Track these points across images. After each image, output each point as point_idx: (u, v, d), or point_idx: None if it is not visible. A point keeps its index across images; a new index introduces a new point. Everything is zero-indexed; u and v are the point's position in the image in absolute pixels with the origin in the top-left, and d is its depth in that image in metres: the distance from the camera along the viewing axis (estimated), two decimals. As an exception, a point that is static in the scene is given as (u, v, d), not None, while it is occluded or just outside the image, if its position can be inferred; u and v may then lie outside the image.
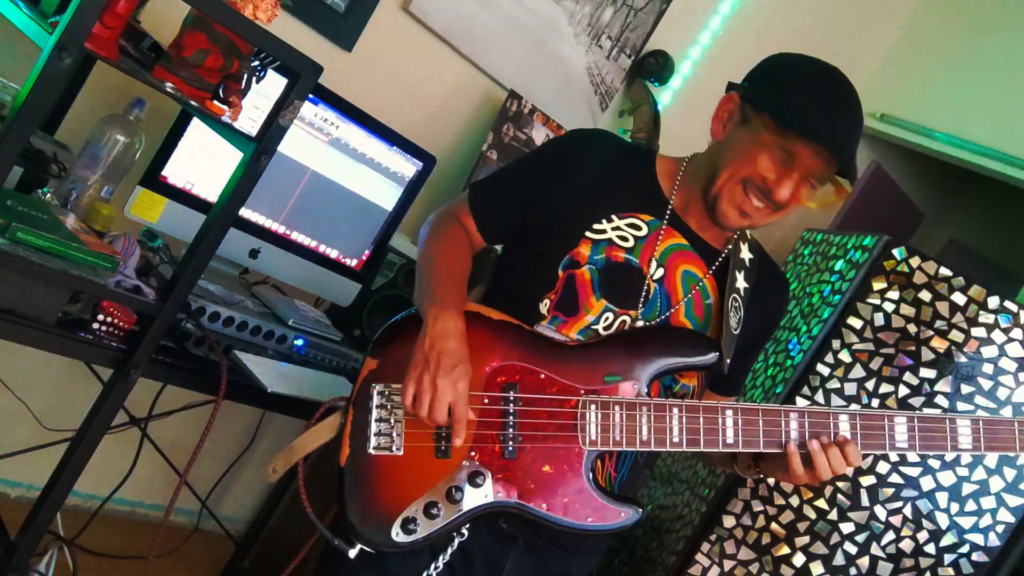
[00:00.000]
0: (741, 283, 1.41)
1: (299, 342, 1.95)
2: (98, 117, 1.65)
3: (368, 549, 1.26)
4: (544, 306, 1.35)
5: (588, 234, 1.36)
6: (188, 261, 1.48)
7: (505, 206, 1.44)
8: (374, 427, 1.28)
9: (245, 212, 1.97)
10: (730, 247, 1.42)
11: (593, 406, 1.29)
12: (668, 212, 1.39)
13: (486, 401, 1.28)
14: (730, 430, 1.30)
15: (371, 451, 1.27)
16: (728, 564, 2.37)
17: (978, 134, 3.21)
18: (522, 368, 1.30)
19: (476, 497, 1.27)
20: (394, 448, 1.27)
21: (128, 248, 1.53)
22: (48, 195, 1.56)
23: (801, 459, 1.30)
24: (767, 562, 2.33)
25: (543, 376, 1.30)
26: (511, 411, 1.28)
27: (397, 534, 1.24)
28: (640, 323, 1.35)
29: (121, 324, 1.52)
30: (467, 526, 1.28)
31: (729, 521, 2.39)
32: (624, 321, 1.35)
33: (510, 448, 1.27)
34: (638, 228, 1.38)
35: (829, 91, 1.30)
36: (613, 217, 1.37)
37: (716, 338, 1.36)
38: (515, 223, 1.42)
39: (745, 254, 1.44)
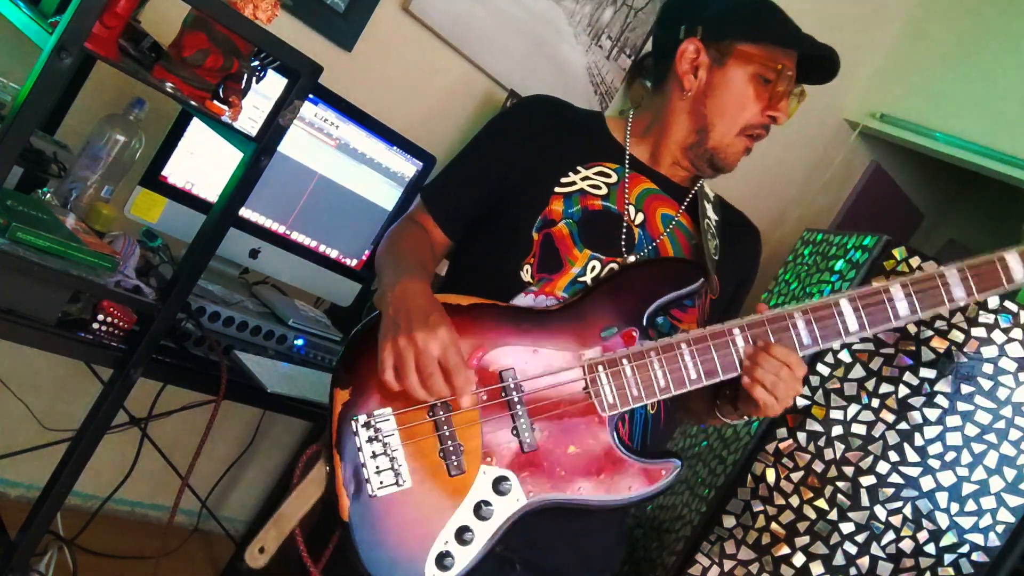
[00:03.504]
0: (712, 215, 1.37)
1: (299, 342, 1.95)
2: (98, 117, 1.65)
3: None
4: (525, 272, 1.26)
5: (557, 189, 1.29)
6: (188, 261, 1.48)
7: (462, 195, 1.34)
8: (371, 465, 1.12)
9: (245, 212, 1.97)
10: (697, 185, 1.38)
11: (600, 368, 1.18)
12: (627, 159, 1.34)
13: (484, 397, 1.15)
14: (743, 350, 1.20)
15: (376, 493, 1.12)
16: (728, 564, 2.37)
17: (978, 134, 3.21)
18: (512, 350, 1.17)
19: (508, 505, 1.14)
20: (401, 482, 1.12)
21: (128, 248, 1.53)
22: (48, 195, 1.56)
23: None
24: (767, 562, 2.33)
25: (538, 352, 1.18)
26: (516, 399, 1.16)
27: (434, 573, 1.11)
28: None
29: (121, 324, 1.52)
30: None
31: (729, 521, 2.39)
32: (612, 269, 1.26)
33: (528, 440, 1.15)
34: (608, 175, 1.32)
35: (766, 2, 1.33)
36: (579, 168, 1.31)
37: (699, 260, 1.28)
38: (476, 210, 1.33)
39: (708, 191, 1.41)
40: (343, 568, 1.15)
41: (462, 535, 1.13)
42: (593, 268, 1.26)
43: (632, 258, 1.28)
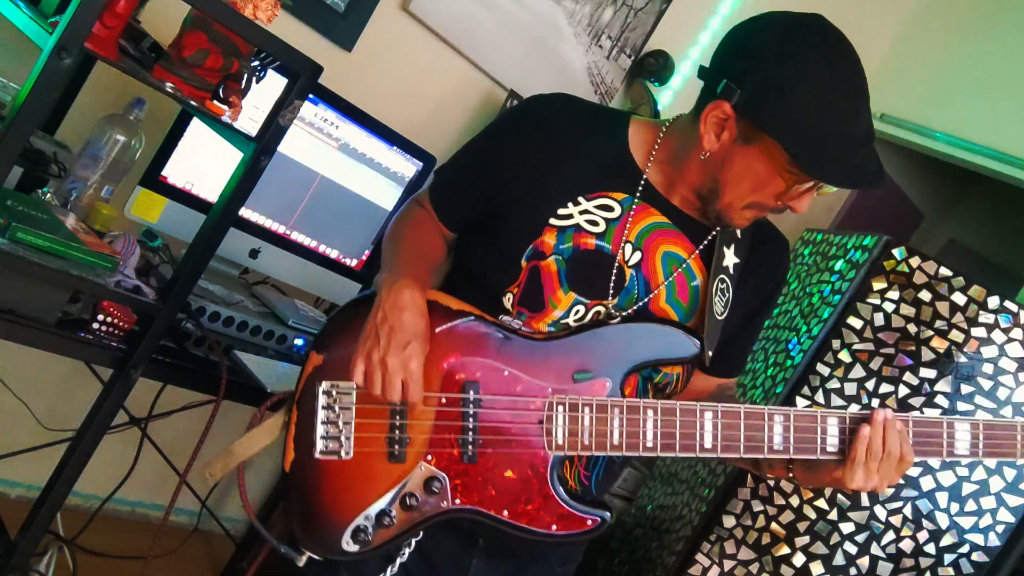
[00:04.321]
0: (730, 259, 1.28)
1: (299, 342, 1.95)
2: (98, 117, 1.65)
3: (316, 557, 1.19)
4: (507, 300, 1.23)
5: (553, 221, 1.23)
6: (188, 261, 1.48)
7: (463, 195, 1.32)
8: (320, 430, 1.17)
9: (245, 212, 1.97)
10: (717, 229, 1.28)
11: (561, 407, 1.17)
12: (641, 186, 1.25)
13: (443, 401, 1.17)
14: (708, 435, 1.18)
15: (317, 455, 1.17)
16: (728, 564, 2.37)
17: (978, 134, 3.21)
18: (483, 364, 1.18)
19: (433, 505, 1.17)
20: (343, 452, 1.17)
21: (128, 248, 1.53)
22: (48, 195, 1.56)
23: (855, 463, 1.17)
24: (767, 562, 2.33)
25: (507, 373, 1.18)
26: (471, 412, 1.17)
27: (348, 543, 1.16)
28: (615, 315, 1.23)
29: (121, 324, 1.52)
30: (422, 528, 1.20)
31: (729, 521, 2.39)
32: (598, 312, 1.23)
33: (470, 452, 1.17)
34: (609, 209, 1.24)
35: (841, 106, 1.12)
36: (580, 199, 1.24)
37: (698, 327, 1.24)
38: (477, 211, 1.30)
39: None
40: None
41: (382, 518, 1.16)
42: (577, 312, 1.23)
43: (615, 301, 1.24)
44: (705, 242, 1.27)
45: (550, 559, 1.34)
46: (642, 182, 1.26)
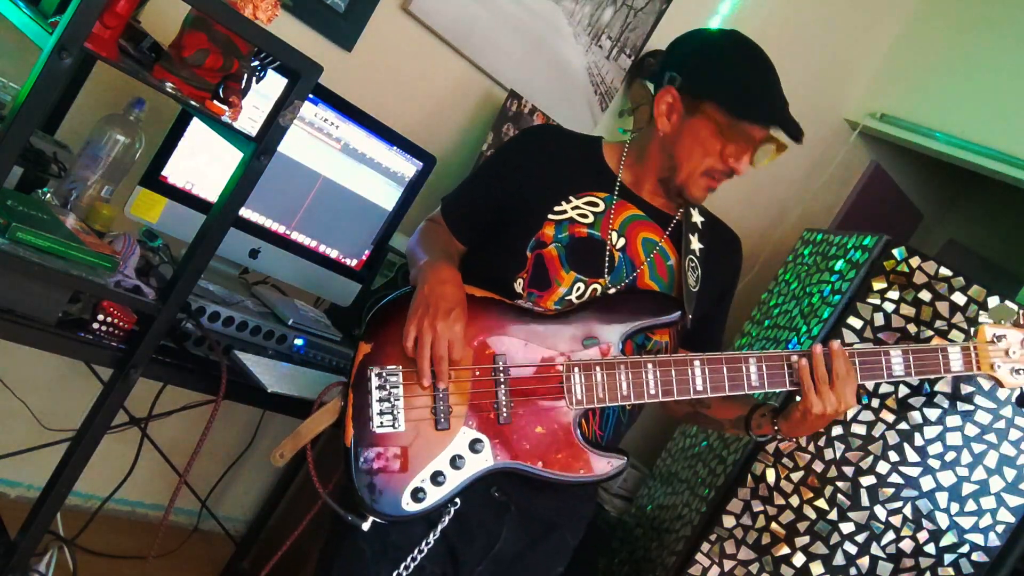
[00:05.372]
0: (696, 244, 1.54)
1: (299, 342, 1.95)
2: (98, 117, 1.65)
3: (380, 520, 1.33)
4: (518, 285, 1.47)
5: (551, 216, 1.48)
6: (188, 261, 1.48)
7: (472, 209, 1.58)
8: (375, 407, 1.35)
9: (245, 212, 1.97)
10: (681, 211, 1.54)
11: (576, 369, 1.39)
12: (618, 187, 1.52)
13: (478, 373, 1.38)
14: (699, 378, 1.41)
15: (375, 430, 1.35)
16: (728, 564, 2.37)
17: (978, 134, 3.21)
18: (508, 340, 1.40)
19: (477, 462, 1.36)
20: (396, 425, 1.35)
21: (128, 248, 1.53)
22: (48, 195, 1.56)
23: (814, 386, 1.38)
24: (767, 562, 2.33)
25: (528, 346, 1.40)
26: (502, 380, 1.38)
27: (408, 503, 1.33)
28: (610, 289, 1.46)
29: (121, 324, 1.52)
30: (460, 496, 1.36)
31: (729, 521, 2.39)
32: (595, 289, 1.47)
33: (504, 414, 1.38)
34: (595, 205, 1.50)
35: (757, 67, 1.42)
36: (571, 198, 1.50)
37: (679, 297, 1.47)
38: (484, 222, 1.55)
39: (696, 218, 1.57)
40: (347, 495, 1.36)
41: (436, 478, 1.35)
42: (578, 288, 1.47)
43: (609, 278, 1.47)
44: (671, 227, 1.53)
45: (564, 532, 1.53)
46: (617, 183, 1.53)
